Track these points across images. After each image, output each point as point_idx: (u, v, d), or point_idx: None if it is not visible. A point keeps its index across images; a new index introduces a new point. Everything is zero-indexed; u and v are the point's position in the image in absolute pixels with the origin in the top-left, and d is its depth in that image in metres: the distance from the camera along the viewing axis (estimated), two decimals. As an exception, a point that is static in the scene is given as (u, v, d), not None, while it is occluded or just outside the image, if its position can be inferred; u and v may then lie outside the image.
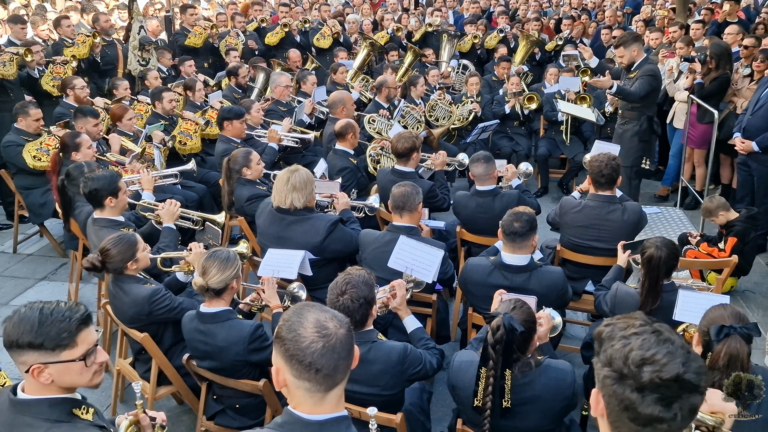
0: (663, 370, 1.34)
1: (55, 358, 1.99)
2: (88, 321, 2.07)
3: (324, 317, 1.72)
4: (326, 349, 1.67)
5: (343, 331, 1.72)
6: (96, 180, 4.00)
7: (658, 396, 1.34)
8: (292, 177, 4.08)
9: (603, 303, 3.65)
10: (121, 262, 3.42)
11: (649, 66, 5.78)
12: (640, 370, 1.35)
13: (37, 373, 1.98)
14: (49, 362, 1.98)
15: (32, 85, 7.15)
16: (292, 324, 1.71)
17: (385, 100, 7.01)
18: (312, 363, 1.66)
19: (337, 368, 1.70)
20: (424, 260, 3.57)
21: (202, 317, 3.17)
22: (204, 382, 3.43)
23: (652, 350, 1.36)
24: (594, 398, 1.50)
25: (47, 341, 1.97)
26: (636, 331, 1.41)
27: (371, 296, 2.79)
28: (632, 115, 5.92)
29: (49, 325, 1.98)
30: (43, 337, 1.97)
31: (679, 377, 1.34)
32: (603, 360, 1.43)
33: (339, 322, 1.74)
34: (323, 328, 1.69)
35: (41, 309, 2.02)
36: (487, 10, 12.52)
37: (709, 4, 10.79)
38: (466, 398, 2.64)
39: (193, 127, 6.41)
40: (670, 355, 1.36)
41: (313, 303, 1.82)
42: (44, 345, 1.97)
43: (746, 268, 5.09)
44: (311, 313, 1.73)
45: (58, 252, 6.19)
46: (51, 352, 1.98)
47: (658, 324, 1.44)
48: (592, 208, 4.26)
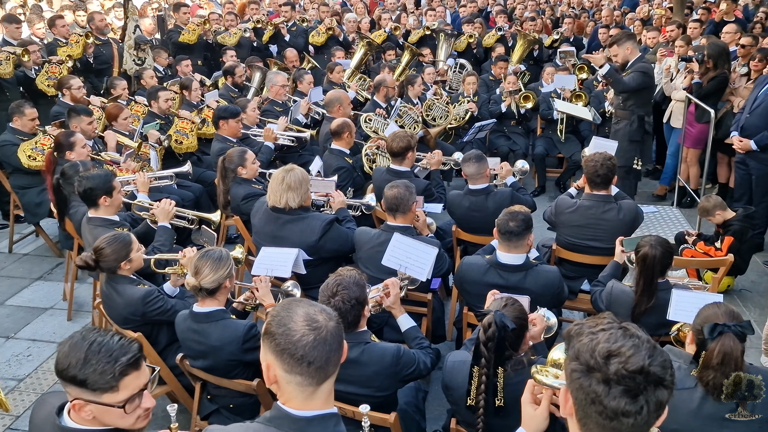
0: (628, 362, 1.36)
1: (96, 398, 1.90)
2: (137, 364, 1.95)
3: (313, 311, 1.73)
4: (318, 341, 1.67)
5: (333, 324, 1.73)
6: (90, 179, 4.00)
7: (623, 388, 1.36)
8: (288, 176, 4.07)
9: (599, 300, 3.65)
10: (115, 261, 3.41)
11: (641, 63, 5.78)
12: (607, 362, 1.37)
13: (78, 408, 1.91)
14: (90, 400, 1.90)
15: (28, 84, 7.14)
16: (282, 319, 1.71)
17: (383, 99, 7.00)
18: (304, 356, 1.66)
19: (329, 360, 1.70)
20: (418, 258, 3.55)
21: (196, 317, 3.16)
22: (198, 382, 3.42)
23: (618, 343, 1.39)
24: (563, 397, 1.51)
25: (90, 381, 1.88)
26: (603, 328, 1.44)
27: (363, 297, 2.77)
28: (624, 114, 5.92)
29: (94, 364, 1.88)
30: (86, 376, 1.88)
31: (644, 369, 1.35)
32: (571, 354, 1.45)
33: (328, 315, 1.75)
34: (313, 321, 1.70)
35: (91, 343, 1.91)
36: (484, 9, 12.51)
37: (706, 3, 10.80)
38: (459, 398, 2.63)
39: (189, 125, 6.40)
40: (636, 348, 1.38)
41: (300, 298, 1.83)
42: (87, 384, 1.88)
43: (743, 267, 5.09)
44: (300, 308, 1.73)
45: (54, 252, 6.18)
46: (92, 393, 1.89)
47: (627, 323, 1.46)
48: (587, 208, 4.25)
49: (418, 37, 9.84)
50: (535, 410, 1.95)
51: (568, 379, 1.46)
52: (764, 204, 5.74)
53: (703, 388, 2.41)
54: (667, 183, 7.33)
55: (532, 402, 1.98)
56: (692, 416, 2.41)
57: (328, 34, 9.71)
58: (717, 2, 10.29)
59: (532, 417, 1.96)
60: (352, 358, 2.74)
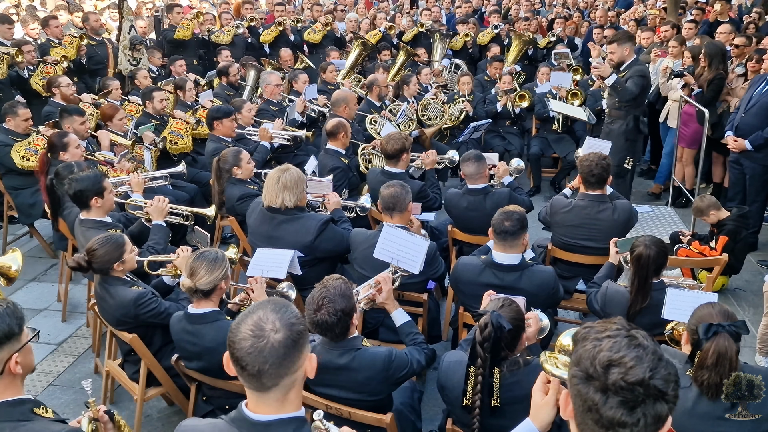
0: (629, 373, 1.33)
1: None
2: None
3: (266, 318, 1.70)
4: (253, 349, 1.66)
5: (279, 337, 1.67)
6: (80, 181, 3.97)
7: (621, 399, 1.33)
8: (283, 176, 4.06)
9: (594, 301, 3.65)
10: (108, 262, 3.40)
11: (639, 67, 5.80)
12: (607, 371, 1.35)
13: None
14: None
15: (21, 84, 7.12)
16: (242, 316, 1.74)
17: (376, 98, 7.00)
18: (239, 359, 1.67)
19: (263, 372, 1.66)
20: (410, 250, 3.53)
21: (190, 318, 3.15)
22: (193, 383, 3.41)
23: (620, 353, 1.35)
24: (563, 400, 1.50)
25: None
26: (609, 334, 1.40)
27: (349, 307, 2.72)
28: (619, 114, 5.94)
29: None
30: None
31: (644, 382, 1.32)
32: (573, 359, 1.43)
33: (278, 326, 1.69)
34: (258, 328, 1.68)
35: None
36: (479, 9, 12.53)
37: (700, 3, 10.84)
38: (455, 398, 2.63)
39: (183, 126, 6.39)
40: (638, 359, 1.34)
41: (272, 301, 1.79)
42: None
43: (737, 267, 5.11)
44: (257, 312, 1.72)
45: (48, 253, 6.15)
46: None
47: (636, 330, 1.42)
48: (582, 208, 4.26)
49: (413, 35, 9.84)
50: (542, 399, 1.91)
51: (569, 383, 1.44)
52: (758, 203, 5.77)
53: (697, 388, 2.42)
54: (662, 182, 7.35)
55: (542, 390, 1.93)
56: (686, 415, 2.42)
57: (324, 31, 9.70)
58: (711, 2, 10.32)
59: (540, 406, 1.90)
60: (343, 365, 2.74)
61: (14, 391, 2.07)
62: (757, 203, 5.76)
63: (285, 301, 1.81)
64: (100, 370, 4.32)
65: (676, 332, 3.10)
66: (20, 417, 2.02)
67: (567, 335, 2.17)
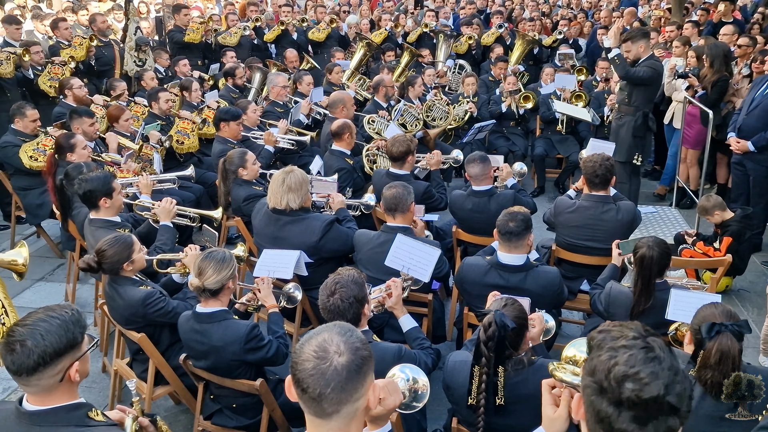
0: (644, 390, 1.31)
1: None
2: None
3: (332, 340, 1.63)
4: (315, 371, 1.57)
5: (343, 360, 1.59)
6: (89, 181, 4.01)
7: (633, 414, 1.32)
8: (288, 178, 4.09)
9: (598, 302, 3.67)
10: (117, 263, 3.43)
11: (653, 61, 5.79)
12: (621, 386, 1.32)
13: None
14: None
15: (28, 85, 7.16)
16: (306, 337, 1.66)
17: (383, 99, 7.03)
18: (300, 380, 1.59)
19: (323, 396, 1.57)
20: (421, 259, 3.58)
21: (199, 317, 3.18)
22: (201, 382, 3.44)
23: (636, 367, 1.33)
24: (575, 404, 1.51)
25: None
26: (626, 344, 1.37)
27: (362, 295, 2.79)
28: (628, 110, 5.94)
29: None
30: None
31: (659, 399, 1.31)
32: (587, 368, 1.41)
33: (345, 349, 1.61)
34: (322, 349, 1.60)
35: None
36: (483, 10, 12.54)
37: (704, 4, 10.82)
38: (460, 398, 2.65)
39: (190, 126, 6.43)
40: (654, 375, 1.32)
41: (338, 324, 1.71)
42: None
43: (741, 268, 5.12)
44: (323, 334, 1.65)
45: (56, 253, 6.19)
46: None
47: (653, 339, 1.39)
48: (586, 209, 4.27)
49: (417, 35, 9.87)
50: (554, 412, 1.90)
51: (582, 391, 1.43)
52: (762, 205, 5.76)
53: (701, 388, 2.43)
54: (667, 183, 7.36)
55: (552, 404, 1.92)
56: (690, 415, 2.43)
57: (329, 29, 9.72)
58: (715, 3, 10.31)
59: (553, 420, 1.89)
60: None
61: (71, 396, 2.10)
62: (761, 204, 5.75)
63: (350, 325, 1.73)
64: (108, 369, 4.36)
65: (680, 333, 3.12)
66: (77, 422, 2.05)
67: (571, 346, 2.17)
